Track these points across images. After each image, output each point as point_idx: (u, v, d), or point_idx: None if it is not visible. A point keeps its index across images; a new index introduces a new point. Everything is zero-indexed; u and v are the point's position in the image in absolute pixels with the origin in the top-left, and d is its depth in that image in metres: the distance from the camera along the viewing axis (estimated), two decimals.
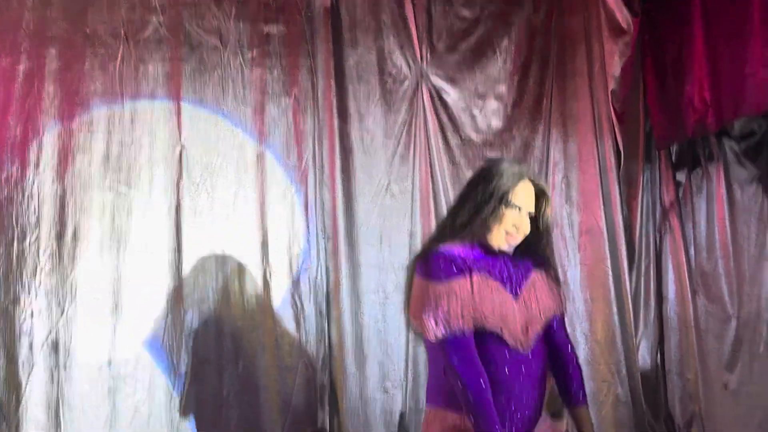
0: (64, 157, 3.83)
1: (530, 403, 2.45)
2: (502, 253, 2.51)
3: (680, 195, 4.56)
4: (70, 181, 3.82)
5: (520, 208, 2.48)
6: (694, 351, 4.39)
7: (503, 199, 2.46)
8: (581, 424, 2.60)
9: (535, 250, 2.58)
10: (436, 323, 2.38)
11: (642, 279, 4.53)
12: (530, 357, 2.45)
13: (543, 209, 2.54)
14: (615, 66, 4.38)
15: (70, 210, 3.81)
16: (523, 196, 2.49)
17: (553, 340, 2.61)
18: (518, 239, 2.51)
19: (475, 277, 2.42)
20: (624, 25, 4.36)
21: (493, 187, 2.47)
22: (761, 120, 4.12)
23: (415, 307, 2.47)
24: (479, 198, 2.48)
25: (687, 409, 4.43)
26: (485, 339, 2.40)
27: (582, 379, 2.64)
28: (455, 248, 2.47)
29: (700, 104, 4.03)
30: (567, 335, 2.67)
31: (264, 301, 3.98)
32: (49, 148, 3.82)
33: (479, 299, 2.39)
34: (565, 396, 2.62)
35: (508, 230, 2.47)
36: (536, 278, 2.55)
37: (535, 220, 2.54)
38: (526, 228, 2.50)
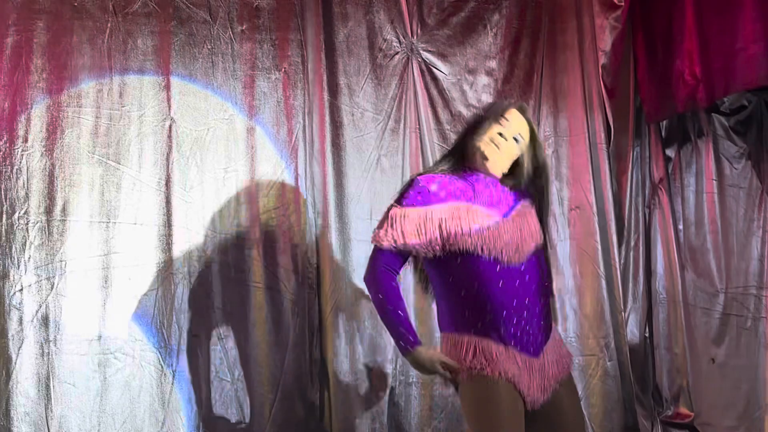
0: (53, 131, 3.80)
1: (532, 315, 2.56)
2: (488, 175, 2.64)
3: (670, 170, 4.57)
4: (59, 155, 3.80)
5: (508, 120, 2.61)
6: (682, 325, 4.42)
7: (496, 115, 2.62)
8: None
9: (527, 186, 2.71)
10: (378, 238, 2.57)
11: (631, 254, 4.55)
12: (522, 270, 2.56)
13: (535, 145, 2.68)
14: (605, 40, 4.35)
15: (59, 184, 3.79)
16: (513, 116, 2.64)
17: None
18: (502, 155, 2.62)
19: (450, 202, 2.55)
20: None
21: (486, 114, 2.67)
22: (751, 95, 4.13)
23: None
24: (476, 123, 2.68)
25: (674, 382, 4.46)
26: (472, 259, 2.52)
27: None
28: (438, 177, 2.63)
29: (690, 79, 4.03)
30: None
31: (254, 275, 3.98)
32: (38, 122, 3.79)
33: (453, 224, 2.51)
34: None
35: (493, 138, 2.59)
36: (525, 207, 2.68)
37: (528, 157, 2.67)
38: (512, 147, 2.63)
